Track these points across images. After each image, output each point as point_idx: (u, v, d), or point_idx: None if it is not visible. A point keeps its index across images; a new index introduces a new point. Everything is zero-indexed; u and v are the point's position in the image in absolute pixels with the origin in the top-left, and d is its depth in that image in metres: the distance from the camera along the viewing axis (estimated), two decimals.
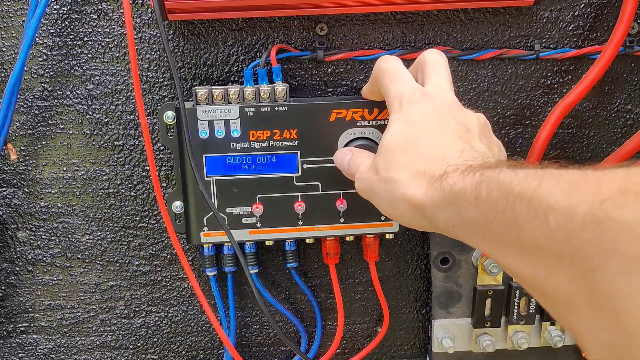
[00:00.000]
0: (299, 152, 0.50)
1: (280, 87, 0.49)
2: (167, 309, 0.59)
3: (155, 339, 0.60)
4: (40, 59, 0.51)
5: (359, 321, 0.61)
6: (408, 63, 0.53)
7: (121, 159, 0.54)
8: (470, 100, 0.55)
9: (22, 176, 0.54)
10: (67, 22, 0.51)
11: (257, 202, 0.51)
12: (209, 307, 0.54)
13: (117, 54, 0.52)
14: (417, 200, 0.35)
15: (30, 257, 0.56)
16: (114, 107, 0.53)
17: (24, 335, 0.59)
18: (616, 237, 0.21)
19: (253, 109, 0.49)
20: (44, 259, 0.56)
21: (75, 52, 0.51)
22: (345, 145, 0.50)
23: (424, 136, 0.38)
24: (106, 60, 0.52)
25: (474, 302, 0.57)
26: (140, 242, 0.57)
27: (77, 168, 0.54)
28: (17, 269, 0.57)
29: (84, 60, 0.52)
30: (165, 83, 0.53)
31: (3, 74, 0.51)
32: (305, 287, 0.58)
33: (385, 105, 0.49)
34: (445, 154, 0.36)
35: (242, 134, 0.49)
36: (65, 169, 0.54)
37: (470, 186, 0.31)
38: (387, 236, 0.55)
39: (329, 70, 0.53)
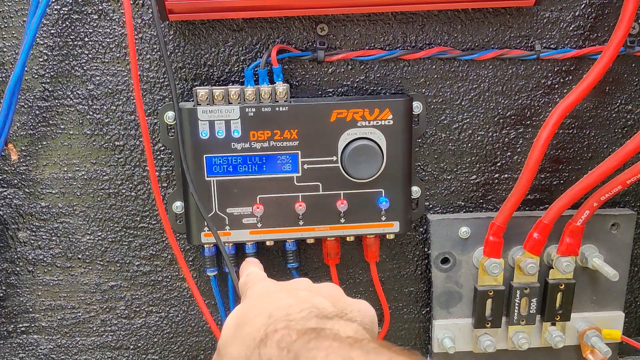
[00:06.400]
0: (299, 152, 0.50)
1: (281, 87, 0.49)
2: (167, 309, 0.59)
3: (155, 339, 0.60)
4: (40, 59, 0.51)
5: None
6: (409, 63, 0.53)
7: (122, 159, 0.54)
8: (471, 100, 0.55)
9: (23, 176, 0.54)
10: (67, 23, 0.51)
11: (258, 202, 0.51)
12: (206, 309, 0.54)
13: (118, 54, 0.52)
14: None
15: (30, 258, 0.56)
16: (114, 108, 0.53)
17: (25, 336, 0.59)
18: None
19: (254, 109, 0.49)
20: (45, 259, 0.56)
21: (75, 52, 0.51)
22: (346, 146, 0.50)
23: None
24: (107, 60, 0.52)
25: (474, 302, 0.57)
26: (140, 242, 0.57)
27: (77, 168, 0.54)
28: (18, 269, 0.57)
29: (84, 61, 0.52)
30: (166, 83, 0.53)
31: (4, 74, 0.51)
32: None
33: (386, 106, 0.49)
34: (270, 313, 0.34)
35: (243, 134, 0.49)
36: (65, 169, 0.54)
37: None
38: (388, 236, 0.55)
39: (330, 70, 0.53)
